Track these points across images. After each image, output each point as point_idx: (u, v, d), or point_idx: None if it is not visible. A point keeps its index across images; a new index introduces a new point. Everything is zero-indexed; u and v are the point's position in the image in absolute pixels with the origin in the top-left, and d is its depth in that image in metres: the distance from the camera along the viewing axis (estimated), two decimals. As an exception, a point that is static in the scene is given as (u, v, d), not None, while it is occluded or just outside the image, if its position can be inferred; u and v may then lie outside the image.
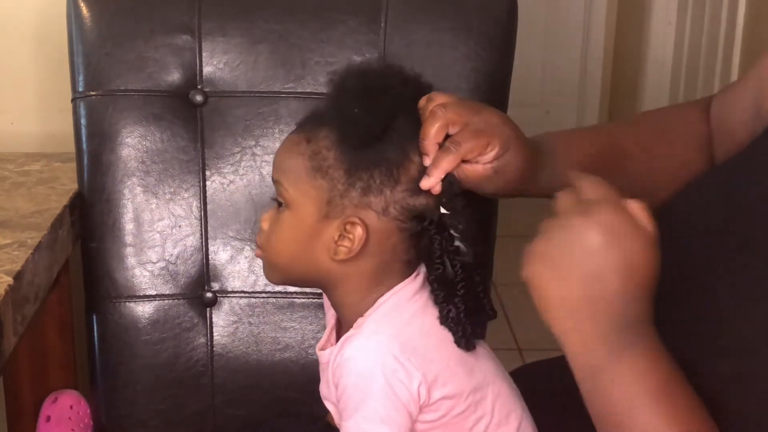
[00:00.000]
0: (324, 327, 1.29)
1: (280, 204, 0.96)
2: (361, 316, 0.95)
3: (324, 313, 1.30)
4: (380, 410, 0.90)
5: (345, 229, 0.93)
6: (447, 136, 0.93)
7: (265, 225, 0.98)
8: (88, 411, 1.31)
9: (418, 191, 0.92)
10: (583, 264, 0.76)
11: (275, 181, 0.96)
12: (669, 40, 3.54)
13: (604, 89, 4.16)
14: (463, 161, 0.93)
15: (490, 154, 0.93)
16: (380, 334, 0.93)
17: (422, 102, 0.95)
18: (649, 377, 0.76)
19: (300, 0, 1.31)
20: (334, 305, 1.01)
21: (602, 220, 0.76)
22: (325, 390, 1.00)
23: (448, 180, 0.92)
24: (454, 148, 0.91)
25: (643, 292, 0.77)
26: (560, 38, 4.10)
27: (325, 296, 1.05)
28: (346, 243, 0.93)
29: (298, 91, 1.29)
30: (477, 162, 0.93)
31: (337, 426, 1.15)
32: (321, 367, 1.01)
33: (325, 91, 1.28)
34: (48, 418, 1.27)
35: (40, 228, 1.17)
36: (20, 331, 1.05)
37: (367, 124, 0.91)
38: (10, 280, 1.02)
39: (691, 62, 3.40)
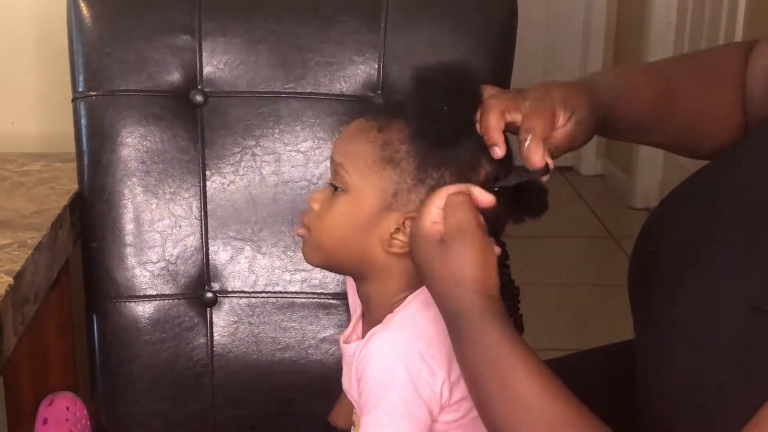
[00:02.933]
0: (324, 327, 1.29)
1: (335, 188, 0.96)
2: (391, 312, 0.95)
3: (325, 313, 1.30)
4: (401, 406, 0.90)
5: (403, 224, 0.93)
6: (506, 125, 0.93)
7: (315, 205, 0.97)
8: (85, 412, 1.31)
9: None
10: (448, 271, 0.87)
11: (336, 164, 0.95)
12: (669, 40, 3.54)
13: (604, 89, 4.15)
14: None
15: (561, 119, 0.93)
16: (407, 331, 0.93)
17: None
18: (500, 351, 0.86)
19: (300, 0, 1.31)
20: (363, 297, 1.00)
21: (466, 244, 0.87)
22: (347, 383, 1.00)
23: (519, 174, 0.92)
24: (531, 136, 0.91)
25: (485, 292, 0.87)
26: (560, 38, 4.11)
27: (350, 288, 1.04)
28: (402, 237, 0.93)
29: (298, 91, 1.29)
30: (556, 130, 0.93)
31: (340, 424, 1.15)
32: (344, 360, 1.01)
33: (325, 91, 1.29)
34: (45, 421, 1.27)
35: (40, 228, 1.16)
36: (20, 331, 1.05)
37: (451, 123, 0.91)
38: (10, 280, 1.02)
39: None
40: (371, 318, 0.98)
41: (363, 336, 0.98)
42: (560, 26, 4.11)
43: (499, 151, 0.91)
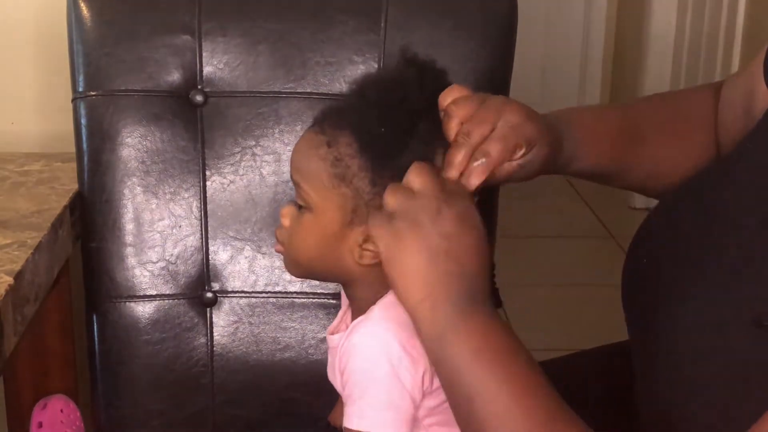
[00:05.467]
0: (324, 327, 1.29)
1: (299, 205, 0.96)
2: (374, 304, 0.95)
3: (325, 313, 1.30)
4: (384, 397, 0.91)
5: (370, 235, 0.93)
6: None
7: (285, 221, 0.98)
8: (78, 413, 1.31)
9: None
10: (440, 245, 0.85)
11: (295, 182, 0.96)
12: (669, 40, 3.54)
13: (603, 89, 4.16)
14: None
15: (518, 155, 0.92)
16: (389, 321, 0.93)
17: (442, 102, 0.93)
18: (482, 341, 0.84)
19: (300, 0, 1.31)
20: (349, 297, 1.01)
21: (459, 211, 0.86)
22: (332, 374, 1.01)
23: None
24: (484, 160, 0.90)
25: (483, 271, 0.87)
26: (560, 38, 4.11)
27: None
28: (372, 247, 0.93)
29: (298, 91, 1.29)
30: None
31: (340, 424, 1.15)
32: (330, 352, 1.02)
33: (325, 91, 1.29)
34: (40, 425, 1.27)
35: (40, 228, 1.16)
36: (20, 331, 1.05)
37: (388, 139, 0.91)
38: (10, 280, 1.02)
39: (691, 62, 3.40)
40: (358, 311, 0.98)
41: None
42: (560, 27, 4.11)
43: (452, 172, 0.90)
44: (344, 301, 1.05)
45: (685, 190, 1.01)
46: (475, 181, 0.90)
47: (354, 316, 1.00)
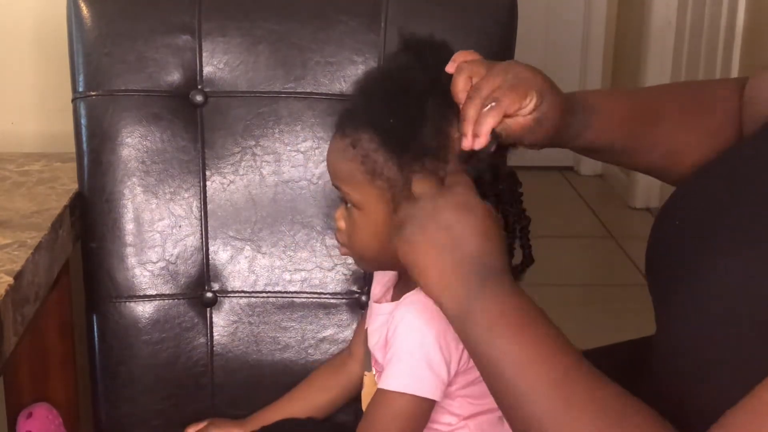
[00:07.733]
0: (324, 326, 1.30)
1: (346, 203, 1.02)
2: None
3: (325, 313, 1.30)
4: (424, 361, 0.97)
5: None
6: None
7: (341, 224, 1.03)
8: (60, 419, 1.32)
9: (468, 157, 0.95)
10: (443, 237, 0.90)
11: (337, 187, 1.02)
12: (669, 39, 3.54)
13: (604, 89, 4.15)
14: (506, 116, 0.94)
15: (530, 105, 0.95)
16: None
17: (453, 65, 0.97)
18: (498, 317, 0.87)
19: (300, 0, 1.31)
20: (403, 273, 1.06)
21: (456, 201, 0.91)
22: (372, 340, 1.06)
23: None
24: (495, 104, 0.93)
25: (492, 249, 0.90)
26: (560, 38, 4.11)
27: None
28: None
29: (298, 91, 1.29)
30: (518, 115, 0.95)
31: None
32: (371, 318, 1.08)
33: (325, 91, 1.29)
34: None
35: (40, 228, 1.16)
36: (20, 331, 1.05)
37: (401, 126, 0.95)
38: (10, 280, 1.02)
39: (691, 61, 3.40)
40: (409, 285, 1.03)
41: (394, 299, 1.06)
42: (560, 26, 4.11)
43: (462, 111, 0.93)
44: (380, 273, 1.11)
45: (721, 160, 1.02)
46: (487, 127, 0.92)
47: (405, 288, 1.04)
